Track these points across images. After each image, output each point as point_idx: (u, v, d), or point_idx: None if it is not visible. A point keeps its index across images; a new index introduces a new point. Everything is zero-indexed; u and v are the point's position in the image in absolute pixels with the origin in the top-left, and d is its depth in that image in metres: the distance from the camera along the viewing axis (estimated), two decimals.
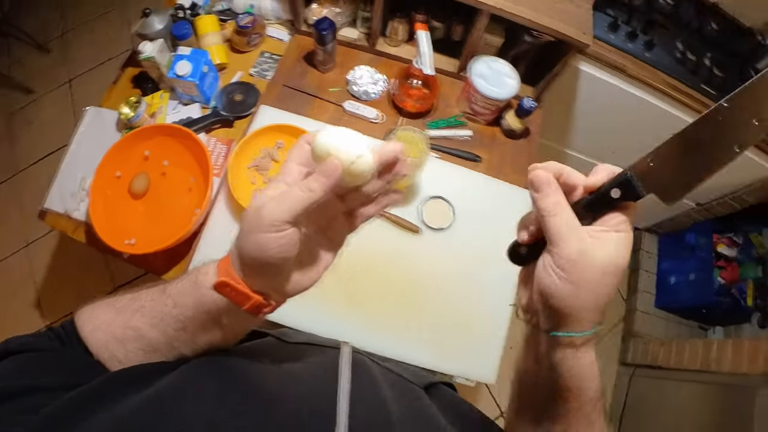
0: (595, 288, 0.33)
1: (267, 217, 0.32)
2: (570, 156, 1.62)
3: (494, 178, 0.98)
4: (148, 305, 0.40)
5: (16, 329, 1.89)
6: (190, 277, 0.39)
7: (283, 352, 0.49)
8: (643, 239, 2.00)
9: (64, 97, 2.34)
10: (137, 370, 0.35)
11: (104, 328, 0.39)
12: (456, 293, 0.88)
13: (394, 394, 0.43)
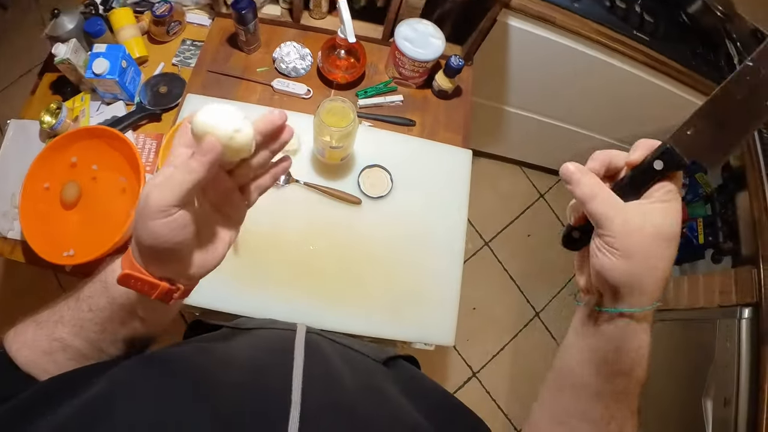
0: (649, 260, 0.34)
1: (153, 203, 0.32)
2: (509, 113, 1.65)
3: (430, 140, 0.99)
4: (66, 315, 0.39)
5: None
6: (100, 278, 0.39)
7: (235, 340, 0.49)
8: None
9: None
10: (65, 378, 0.34)
11: (30, 344, 0.39)
12: (404, 259, 0.89)
13: (350, 371, 0.44)
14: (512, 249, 1.99)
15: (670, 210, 0.34)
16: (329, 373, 0.42)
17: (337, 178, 0.93)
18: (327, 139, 0.80)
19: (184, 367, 0.36)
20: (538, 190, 2.10)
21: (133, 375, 0.34)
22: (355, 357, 0.51)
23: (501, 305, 1.91)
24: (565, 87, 1.47)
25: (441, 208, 0.93)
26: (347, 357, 0.49)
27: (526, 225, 2.04)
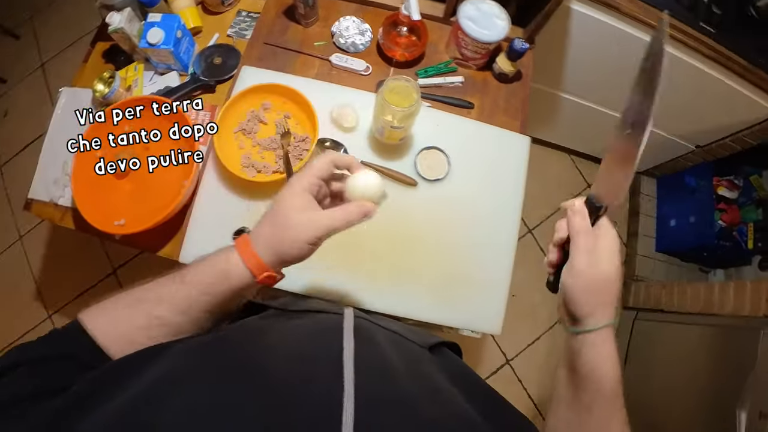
0: (598, 293, 0.46)
1: (308, 237, 0.46)
2: (562, 99, 1.58)
3: (487, 123, 0.95)
4: (167, 296, 0.45)
5: (21, 324, 1.91)
6: (217, 267, 0.45)
7: (284, 323, 0.48)
8: (642, 182, 1.98)
9: (38, 83, 2.26)
10: (124, 362, 0.36)
11: (124, 320, 0.44)
12: (456, 244, 0.86)
13: (400, 358, 0.43)
14: None
15: (601, 247, 0.47)
16: (381, 362, 0.41)
17: (393, 159, 0.90)
18: (388, 118, 0.78)
19: (240, 355, 0.37)
20: (585, 179, 2.02)
21: (192, 359, 0.35)
22: (403, 343, 0.50)
23: (540, 294, 1.86)
24: (623, 76, 1.36)
25: (496, 195, 0.90)
26: (396, 343, 0.48)
27: None
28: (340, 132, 0.90)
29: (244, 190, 0.87)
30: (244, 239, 0.46)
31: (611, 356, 0.45)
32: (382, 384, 0.37)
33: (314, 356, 0.39)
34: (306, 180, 0.48)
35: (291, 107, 0.90)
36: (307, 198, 0.48)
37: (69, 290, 1.94)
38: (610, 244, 0.47)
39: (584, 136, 1.85)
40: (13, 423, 0.30)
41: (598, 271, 0.46)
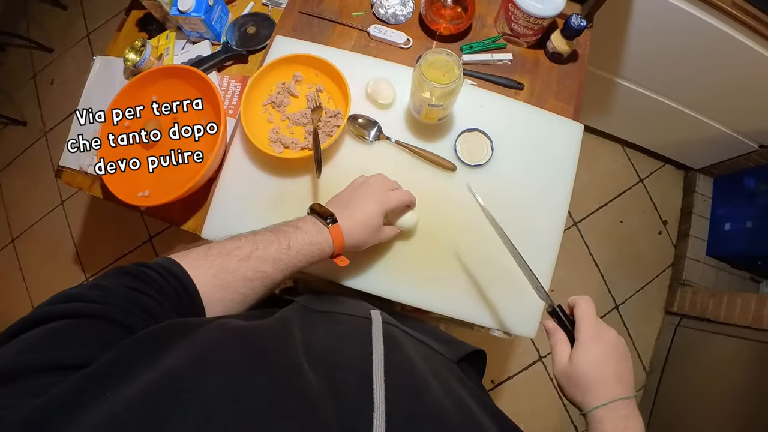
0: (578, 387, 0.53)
1: (372, 243, 0.66)
2: (619, 85, 1.46)
3: (537, 107, 0.86)
4: (274, 257, 0.54)
5: (61, 284, 1.97)
6: (318, 246, 0.58)
7: (310, 323, 0.47)
8: (698, 180, 1.84)
9: (84, 52, 2.31)
10: (150, 338, 0.34)
11: (231, 271, 0.50)
12: (495, 237, 0.79)
13: (431, 373, 0.42)
14: (601, 234, 1.84)
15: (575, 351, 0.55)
16: (412, 376, 0.40)
17: (431, 140, 0.83)
18: (426, 95, 0.71)
19: (274, 351, 0.36)
20: (638, 173, 1.89)
21: (223, 346, 0.34)
22: (433, 357, 0.50)
23: (580, 291, 1.75)
24: (689, 65, 1.27)
25: (542, 186, 0.82)
26: (425, 355, 0.47)
27: (619, 210, 1.86)
28: (375, 108, 0.84)
29: (271, 166, 0.82)
30: (339, 232, 0.60)
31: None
32: (413, 401, 0.36)
33: (342, 366, 0.37)
34: (391, 206, 0.66)
35: (323, 80, 0.84)
36: (384, 218, 0.66)
37: (106, 255, 2.01)
38: (600, 350, 0.53)
39: (641, 127, 1.72)
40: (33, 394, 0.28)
41: (577, 371, 0.53)
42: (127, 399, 0.27)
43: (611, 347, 0.54)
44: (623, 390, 0.51)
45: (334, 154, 0.82)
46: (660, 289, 1.81)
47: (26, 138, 2.24)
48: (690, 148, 1.70)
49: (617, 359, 0.53)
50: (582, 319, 0.56)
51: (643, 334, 1.76)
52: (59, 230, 2.09)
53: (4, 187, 2.22)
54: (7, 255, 2.13)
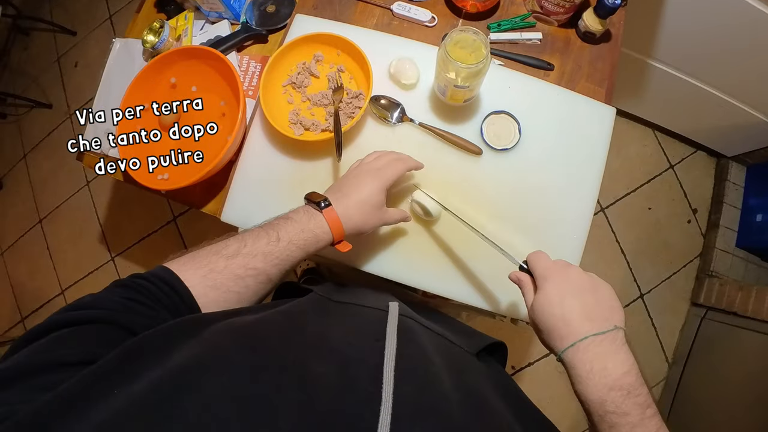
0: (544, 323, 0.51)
1: (377, 224, 0.63)
2: (653, 68, 1.39)
3: (568, 89, 0.82)
4: (263, 251, 0.51)
5: (88, 264, 2.03)
6: (309, 233, 0.55)
7: (325, 315, 0.47)
8: (731, 169, 1.76)
9: (106, 34, 2.33)
10: (156, 337, 0.34)
11: (220, 270, 0.48)
12: (521, 224, 0.76)
13: (446, 367, 0.41)
14: (629, 220, 1.79)
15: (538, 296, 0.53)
16: (423, 369, 0.39)
17: (456, 122, 0.79)
18: (451, 76, 0.68)
19: (281, 346, 0.36)
20: (668, 159, 1.82)
21: (227, 345, 0.34)
22: (450, 349, 0.48)
23: (605, 278, 1.71)
24: (726, 47, 1.21)
25: (571, 172, 0.78)
26: (442, 348, 0.46)
27: (648, 196, 1.80)
28: (398, 89, 0.81)
29: (291, 149, 0.81)
30: (334, 215, 0.57)
31: (589, 375, 0.45)
32: (421, 395, 0.35)
33: (354, 358, 0.37)
34: (389, 179, 0.61)
35: (345, 60, 0.81)
36: (385, 195, 0.62)
37: (131, 235, 2.05)
38: (553, 288, 0.51)
39: (673, 111, 1.65)
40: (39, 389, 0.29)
41: (536, 314, 0.52)
42: (133, 396, 0.27)
43: (571, 283, 0.50)
44: (594, 326, 0.47)
45: (356, 136, 0.80)
46: (687, 279, 1.76)
47: (52, 120, 2.28)
48: (723, 134, 1.63)
49: (580, 294, 0.50)
50: (532, 263, 0.55)
51: (668, 324, 1.73)
52: (85, 211, 2.13)
53: (31, 169, 2.27)
54: (35, 235, 2.19)
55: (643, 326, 1.72)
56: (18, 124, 2.36)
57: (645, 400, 0.43)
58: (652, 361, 1.70)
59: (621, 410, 0.42)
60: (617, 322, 0.48)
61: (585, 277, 0.52)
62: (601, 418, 0.43)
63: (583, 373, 0.45)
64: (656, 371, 1.70)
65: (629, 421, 0.42)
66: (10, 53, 2.47)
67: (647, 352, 1.71)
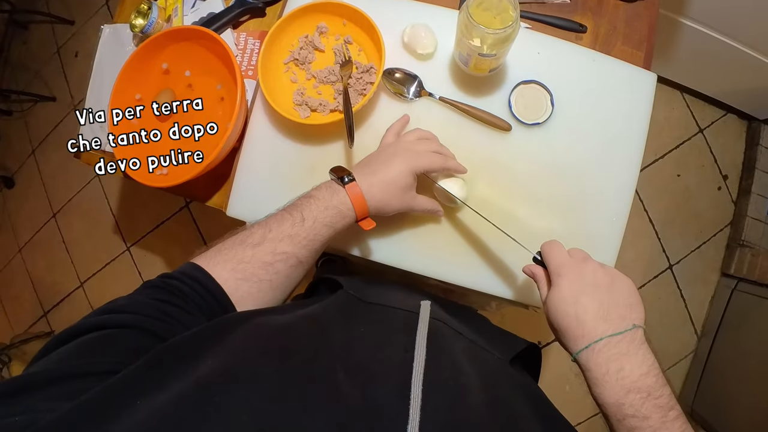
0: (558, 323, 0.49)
1: (401, 208, 0.59)
2: (684, 26, 1.28)
3: (603, 53, 0.73)
4: (289, 233, 0.50)
5: (103, 256, 2.02)
6: (334, 210, 0.53)
7: (354, 318, 0.45)
8: (763, 132, 1.66)
9: (104, 21, 2.25)
10: (181, 345, 0.33)
11: (248, 260, 0.48)
12: (555, 206, 0.69)
13: (477, 377, 0.39)
14: (657, 188, 1.70)
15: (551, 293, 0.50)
16: (454, 381, 0.37)
17: (481, 95, 0.72)
18: (476, 43, 0.60)
19: (306, 356, 0.34)
20: (697, 123, 1.72)
21: (254, 355, 0.33)
22: (482, 356, 0.46)
23: (633, 249, 1.70)
24: (763, 3, 1.08)
25: (610, 145, 0.70)
26: (473, 356, 0.44)
27: (677, 163, 1.71)
28: (414, 60, 0.73)
29: (297, 133, 0.74)
30: (357, 191, 0.54)
31: (605, 377, 0.43)
32: (450, 410, 0.34)
33: (382, 373, 0.35)
34: (421, 167, 0.58)
35: (352, 30, 0.73)
36: (414, 180, 0.59)
37: (145, 223, 2.05)
38: (567, 285, 0.48)
39: (703, 72, 1.55)
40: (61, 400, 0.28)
41: (549, 313, 0.50)
42: (157, 408, 0.27)
43: (585, 280, 0.48)
44: (610, 326, 0.45)
45: (369, 115, 0.73)
46: (717, 249, 1.69)
47: (57, 113, 2.25)
48: (756, 96, 1.54)
49: (596, 292, 0.47)
50: (546, 255, 0.52)
51: (697, 296, 1.68)
52: (97, 202, 2.12)
53: (41, 164, 2.26)
54: (50, 230, 2.19)
55: (672, 298, 1.67)
56: (24, 120, 2.34)
57: (667, 401, 0.41)
58: (680, 334, 1.66)
59: (641, 414, 0.41)
60: (636, 320, 0.46)
61: (601, 273, 0.48)
62: (620, 422, 0.42)
63: (599, 376, 0.43)
64: (685, 344, 1.66)
65: (650, 424, 0.40)
66: (10, 48, 2.44)
67: (676, 324, 1.67)
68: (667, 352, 1.65)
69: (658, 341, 1.42)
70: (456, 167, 0.63)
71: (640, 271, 1.68)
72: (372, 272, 0.72)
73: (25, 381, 0.29)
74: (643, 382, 0.42)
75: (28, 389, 0.29)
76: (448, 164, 0.62)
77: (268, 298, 0.49)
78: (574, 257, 0.51)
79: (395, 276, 0.72)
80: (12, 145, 2.35)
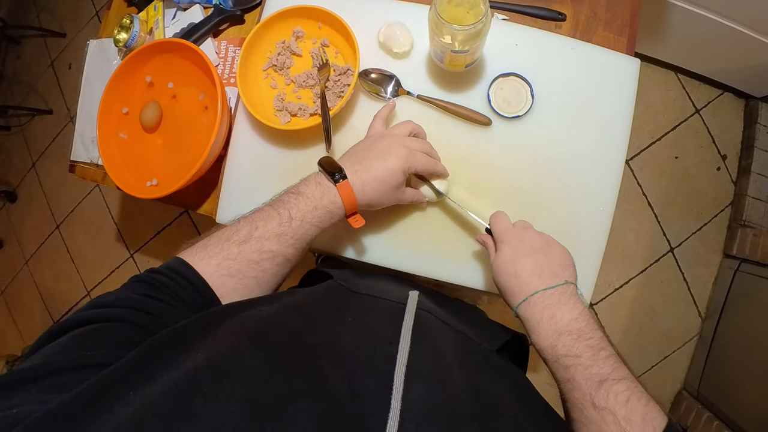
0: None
1: (390, 202, 0.59)
2: (672, 5, 1.26)
3: (583, 41, 0.73)
4: (276, 232, 0.50)
5: (107, 264, 2.04)
6: (324, 209, 0.53)
7: (343, 308, 0.45)
8: (761, 110, 1.63)
9: (95, 31, 2.26)
10: (172, 337, 0.34)
11: (234, 257, 0.48)
12: (544, 200, 0.69)
13: (460, 362, 0.40)
14: (655, 171, 1.69)
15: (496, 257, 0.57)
16: (436, 370, 0.38)
17: (460, 91, 0.71)
18: (447, 40, 0.59)
19: (294, 346, 0.35)
20: (693, 103, 1.69)
21: (243, 345, 0.33)
22: (468, 345, 0.47)
23: (633, 234, 1.68)
24: None
25: (595, 136, 0.70)
26: (459, 345, 0.45)
27: (674, 144, 1.69)
28: (391, 59, 0.73)
29: (279, 139, 0.74)
30: (349, 190, 0.53)
31: (540, 324, 0.49)
32: (429, 397, 0.34)
33: (366, 363, 0.36)
34: (415, 167, 0.58)
35: (328, 33, 0.73)
36: (405, 177, 0.58)
37: (146, 230, 2.07)
38: (508, 249, 0.55)
39: (697, 52, 1.52)
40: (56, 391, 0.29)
41: (494, 274, 0.56)
42: (149, 400, 0.27)
43: (524, 244, 0.54)
44: (544, 282, 0.51)
45: (349, 116, 0.73)
46: (718, 230, 1.67)
47: (54, 125, 2.27)
48: (752, 74, 1.51)
49: (532, 254, 0.53)
50: (492, 225, 0.58)
51: (700, 278, 1.66)
52: (99, 211, 2.15)
53: (41, 177, 2.29)
54: (54, 241, 2.21)
55: (675, 281, 1.66)
56: (23, 134, 2.37)
57: (598, 343, 0.46)
58: (684, 317, 1.65)
59: (573, 353, 0.45)
60: (568, 278, 0.52)
61: (538, 239, 0.55)
62: (557, 361, 0.47)
63: (534, 323, 0.49)
64: (689, 326, 1.65)
65: (581, 362, 0.45)
66: (4, 63, 2.46)
67: (679, 307, 1.66)
68: (672, 335, 1.65)
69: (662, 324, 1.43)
70: (442, 171, 0.64)
71: (642, 256, 1.67)
72: (364, 266, 0.72)
73: (20, 374, 0.30)
74: (573, 326, 0.47)
75: (23, 382, 0.29)
76: (437, 168, 0.62)
77: (254, 294, 0.50)
78: (516, 226, 0.57)
79: (387, 270, 0.72)
80: (12, 159, 2.38)
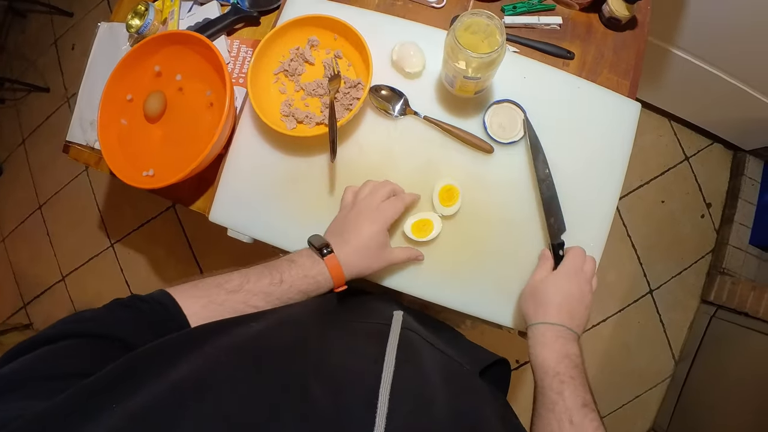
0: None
1: (380, 267, 0.63)
2: (674, 56, 1.31)
3: (588, 80, 0.75)
4: (265, 290, 0.53)
5: (86, 251, 1.99)
6: (312, 280, 0.56)
7: (330, 325, 0.48)
8: (747, 163, 1.69)
9: (103, 15, 2.25)
10: (160, 350, 0.35)
11: (220, 302, 0.50)
12: (534, 229, 0.70)
13: (443, 383, 0.41)
14: (641, 213, 1.73)
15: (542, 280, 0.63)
16: (419, 390, 0.39)
17: (466, 116, 0.72)
18: (461, 66, 0.61)
19: (281, 363, 0.36)
20: (684, 150, 1.75)
21: (229, 360, 0.34)
22: (451, 366, 0.48)
23: (615, 272, 1.71)
24: (754, 39, 1.13)
25: (591, 174, 0.71)
26: (442, 366, 0.46)
27: (662, 189, 1.74)
28: (402, 78, 0.74)
29: (283, 144, 0.74)
30: (335, 263, 0.57)
31: (554, 344, 0.56)
32: (413, 417, 0.35)
33: (351, 381, 0.37)
34: (389, 220, 0.62)
35: (342, 45, 0.74)
36: (387, 235, 0.62)
37: (130, 221, 2.03)
38: (566, 282, 0.61)
39: (691, 101, 1.57)
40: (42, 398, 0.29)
41: (543, 288, 0.61)
42: (131, 412, 0.27)
43: (579, 290, 0.60)
44: (570, 323, 0.58)
45: (354, 130, 0.73)
46: (698, 276, 1.71)
47: (50, 104, 2.23)
48: (742, 127, 1.57)
49: (579, 300, 0.59)
50: (568, 257, 0.63)
51: (676, 321, 1.69)
52: (84, 196, 2.10)
53: (30, 155, 2.24)
54: (35, 221, 2.16)
55: (651, 322, 1.69)
56: (16, 109, 2.32)
57: (586, 377, 0.55)
58: (658, 358, 1.67)
59: (570, 374, 0.53)
60: (579, 329, 0.59)
61: (589, 294, 0.61)
62: (556, 375, 0.53)
63: (549, 341, 0.56)
64: (663, 367, 1.67)
65: (576, 383, 0.52)
66: (7, 36, 2.42)
67: (654, 347, 1.68)
68: (645, 375, 1.66)
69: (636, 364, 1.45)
70: (411, 200, 0.66)
71: (621, 294, 1.70)
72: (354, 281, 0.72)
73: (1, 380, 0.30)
74: (574, 358, 0.55)
75: (2, 389, 0.30)
76: (406, 202, 0.65)
77: None
78: (587, 272, 0.63)
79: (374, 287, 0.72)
80: (2, 132, 2.33)
